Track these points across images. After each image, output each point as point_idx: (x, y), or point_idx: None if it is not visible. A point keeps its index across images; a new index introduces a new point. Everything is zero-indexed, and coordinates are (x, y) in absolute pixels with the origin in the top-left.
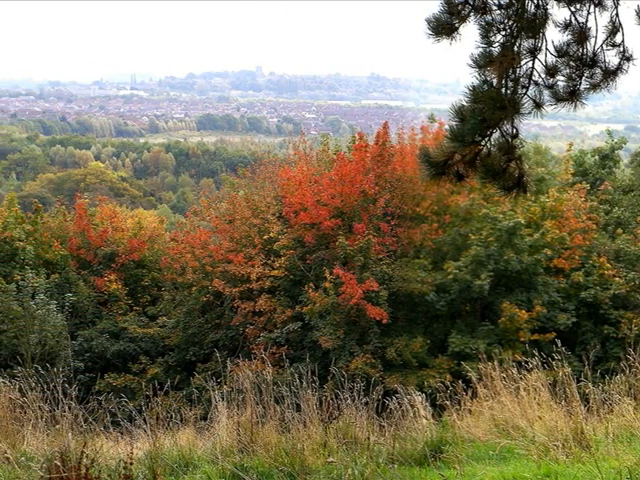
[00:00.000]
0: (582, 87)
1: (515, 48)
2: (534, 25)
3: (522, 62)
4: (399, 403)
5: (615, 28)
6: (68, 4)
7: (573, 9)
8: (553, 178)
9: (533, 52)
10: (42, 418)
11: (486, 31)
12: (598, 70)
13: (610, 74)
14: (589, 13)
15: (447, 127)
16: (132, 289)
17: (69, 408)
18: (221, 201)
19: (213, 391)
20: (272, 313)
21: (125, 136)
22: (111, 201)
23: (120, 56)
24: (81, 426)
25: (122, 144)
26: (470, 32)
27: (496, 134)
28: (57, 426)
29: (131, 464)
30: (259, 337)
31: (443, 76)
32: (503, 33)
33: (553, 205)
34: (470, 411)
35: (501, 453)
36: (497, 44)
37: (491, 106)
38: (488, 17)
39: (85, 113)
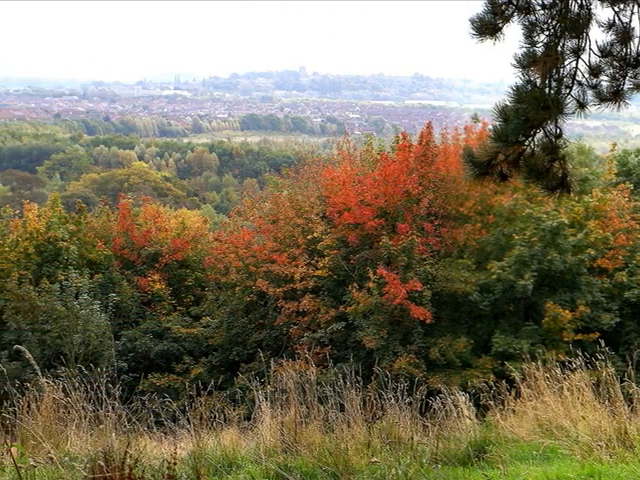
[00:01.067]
0: (626, 87)
1: (559, 48)
2: (577, 25)
3: (565, 62)
4: (442, 403)
5: None
6: (112, 4)
7: (617, 9)
8: (597, 178)
9: (576, 52)
10: (86, 418)
11: (530, 31)
12: None
13: None
14: (633, 13)
15: (491, 127)
16: (176, 289)
17: (113, 408)
18: (265, 201)
19: (257, 391)
20: (316, 313)
21: (169, 136)
22: (155, 201)
23: (164, 56)
24: (125, 426)
25: (166, 144)
26: (514, 32)
27: (539, 134)
28: (101, 426)
29: (174, 464)
30: (303, 337)
31: (486, 76)
32: (547, 33)
33: (597, 205)
34: (513, 411)
35: (544, 453)
36: (540, 44)
37: (535, 106)
38: (532, 17)
39: (129, 113)
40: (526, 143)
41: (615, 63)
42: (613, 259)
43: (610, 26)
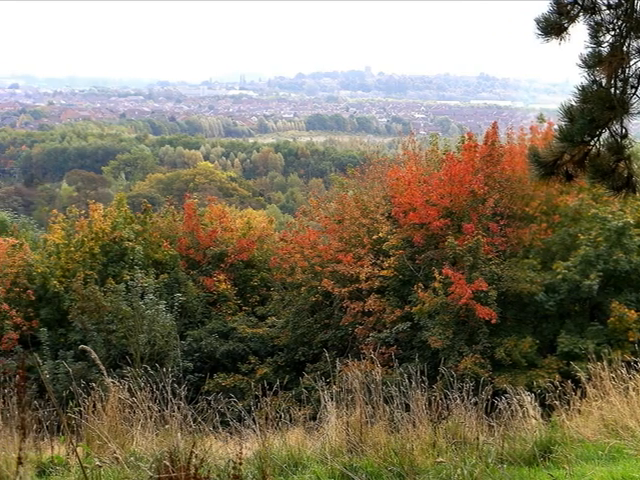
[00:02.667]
0: None
1: (624, 48)
2: None
3: (631, 62)
4: (508, 403)
5: None
6: (179, 4)
7: None
8: None
9: None
10: (151, 418)
11: (595, 31)
12: None
13: None
14: None
15: (556, 127)
16: (241, 289)
17: (178, 408)
18: (330, 201)
19: (322, 391)
20: (381, 313)
21: (234, 136)
22: (220, 201)
23: (229, 56)
24: (190, 426)
25: (231, 144)
26: (579, 32)
27: (605, 134)
28: (166, 426)
29: (240, 464)
30: (368, 337)
31: (552, 76)
32: (612, 33)
33: None
34: (579, 411)
35: (610, 453)
36: (606, 44)
37: (600, 106)
38: (597, 17)
39: (194, 113)
40: (592, 143)
41: None
42: None
43: None
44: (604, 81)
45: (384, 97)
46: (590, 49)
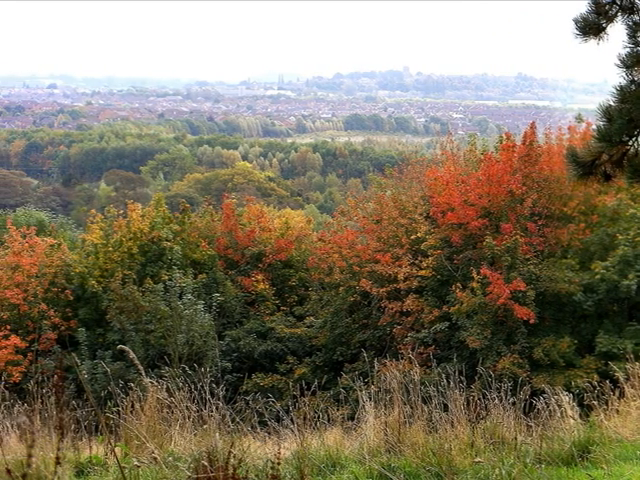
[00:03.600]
0: None
1: None
2: None
3: None
4: (546, 403)
5: None
6: (217, 4)
7: None
8: None
9: None
10: (189, 418)
11: (633, 31)
12: None
13: None
14: None
15: (594, 127)
16: (279, 289)
17: (216, 408)
18: (368, 201)
19: (360, 391)
20: (419, 313)
21: (272, 136)
22: (258, 201)
23: (268, 56)
24: (228, 426)
25: (269, 144)
26: (618, 32)
27: None
28: (204, 426)
29: (278, 464)
30: (406, 337)
31: (590, 76)
32: None
33: None
34: (617, 411)
35: None
36: None
37: (638, 106)
38: (635, 17)
39: (232, 113)
40: (630, 143)
41: None
42: None
43: None
44: None
45: (422, 97)
46: (628, 49)
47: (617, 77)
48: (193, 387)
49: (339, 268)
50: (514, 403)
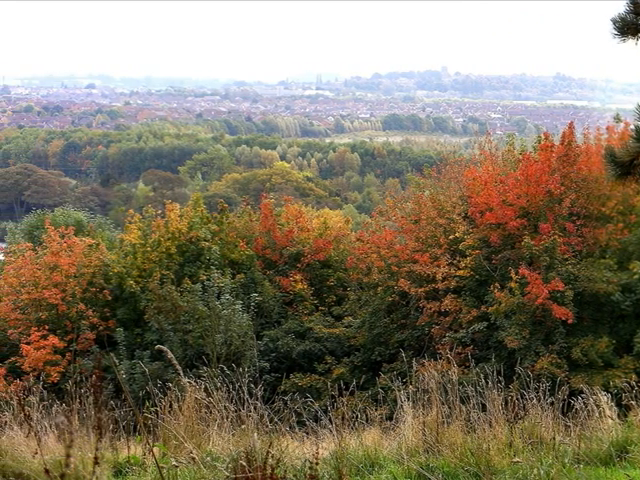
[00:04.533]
0: None
1: None
2: None
3: None
4: (584, 403)
5: None
6: (256, 4)
7: None
8: None
9: None
10: (228, 418)
11: None
12: None
13: None
14: None
15: (632, 127)
16: (317, 289)
17: (255, 408)
18: (407, 201)
19: (399, 391)
20: (458, 313)
21: (310, 136)
22: (297, 201)
23: (306, 56)
24: (267, 426)
25: (307, 144)
26: None
27: None
28: (243, 426)
29: (317, 464)
30: (445, 337)
31: (629, 76)
32: None
33: None
34: None
35: None
36: None
37: None
38: None
39: (271, 113)
40: None
41: None
42: None
43: None
44: None
45: (460, 97)
46: None
47: None
48: (231, 387)
49: (377, 268)
50: (552, 403)
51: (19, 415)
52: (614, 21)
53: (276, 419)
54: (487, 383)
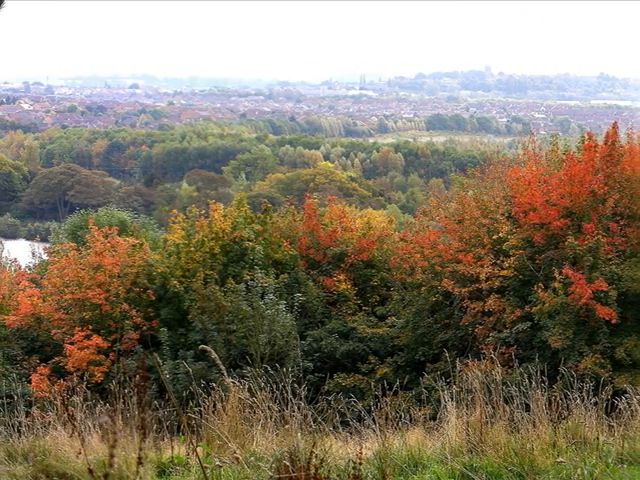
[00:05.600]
0: None
1: None
2: None
3: None
4: (628, 403)
5: None
6: (302, 4)
7: None
8: None
9: None
10: (271, 418)
11: None
12: None
13: None
14: None
15: None
16: (361, 289)
17: (298, 408)
18: (450, 201)
19: (442, 391)
20: (501, 313)
21: (354, 136)
22: (340, 201)
23: (349, 57)
24: (310, 426)
25: (351, 144)
26: None
27: None
28: (286, 426)
29: (360, 464)
30: (488, 337)
31: None
32: None
33: None
34: None
35: None
36: None
37: None
38: None
39: (314, 113)
40: None
41: None
42: None
43: None
44: None
45: (504, 97)
46: None
47: None
48: (275, 387)
49: (421, 268)
50: (596, 403)
51: (63, 415)
52: None
53: (320, 419)
54: (531, 383)
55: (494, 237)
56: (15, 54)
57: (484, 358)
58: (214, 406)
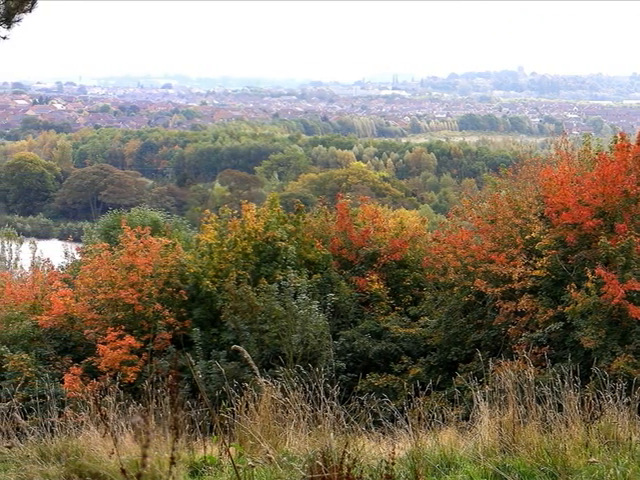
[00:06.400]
0: None
1: None
2: None
3: None
4: None
5: None
6: (333, 4)
7: None
8: None
9: None
10: (304, 418)
11: None
12: None
13: None
14: None
15: None
16: (394, 289)
17: (331, 408)
18: (483, 201)
19: (475, 391)
20: (534, 313)
21: (387, 136)
22: (373, 201)
23: (382, 56)
24: (343, 426)
25: (384, 144)
26: None
27: None
28: (319, 426)
29: (393, 464)
30: (521, 337)
31: None
32: None
33: None
34: None
35: None
36: None
37: None
38: None
39: (347, 113)
40: None
41: None
42: None
43: None
44: None
45: (536, 97)
46: None
47: None
48: (307, 387)
49: (453, 268)
50: (629, 403)
51: (95, 415)
52: None
53: (352, 419)
54: (563, 383)
55: (527, 237)
56: (48, 54)
57: (517, 358)
58: (247, 406)
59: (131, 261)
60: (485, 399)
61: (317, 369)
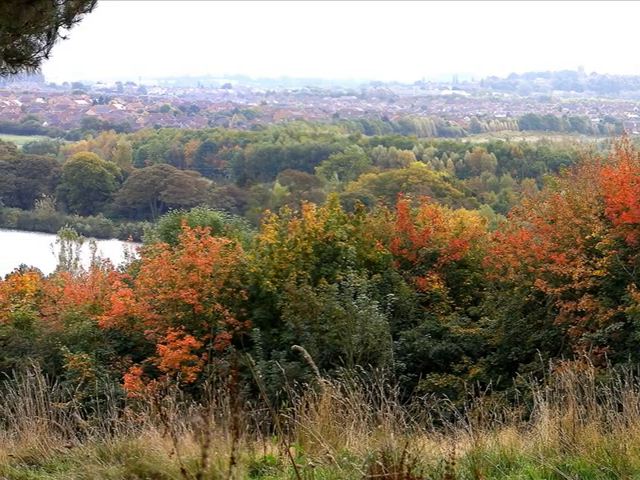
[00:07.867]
0: None
1: None
2: None
3: None
4: None
5: None
6: (389, 4)
7: None
8: None
9: None
10: (364, 418)
11: None
12: None
13: None
14: None
15: None
16: (454, 289)
17: (391, 408)
18: (543, 201)
19: (535, 391)
20: (594, 313)
21: (447, 136)
22: (433, 201)
23: (442, 57)
24: (403, 426)
25: (444, 144)
26: None
27: None
28: (379, 426)
29: (453, 464)
30: (581, 337)
31: None
32: None
33: None
34: None
35: None
36: None
37: None
38: None
39: (407, 113)
40: None
41: None
42: None
43: None
44: None
45: (597, 97)
46: None
47: None
48: (368, 387)
49: (514, 268)
50: None
51: (155, 415)
52: None
53: (412, 419)
54: (623, 383)
55: (587, 237)
56: (108, 54)
57: (577, 358)
58: (307, 406)
59: (191, 261)
60: (545, 399)
61: (377, 369)
